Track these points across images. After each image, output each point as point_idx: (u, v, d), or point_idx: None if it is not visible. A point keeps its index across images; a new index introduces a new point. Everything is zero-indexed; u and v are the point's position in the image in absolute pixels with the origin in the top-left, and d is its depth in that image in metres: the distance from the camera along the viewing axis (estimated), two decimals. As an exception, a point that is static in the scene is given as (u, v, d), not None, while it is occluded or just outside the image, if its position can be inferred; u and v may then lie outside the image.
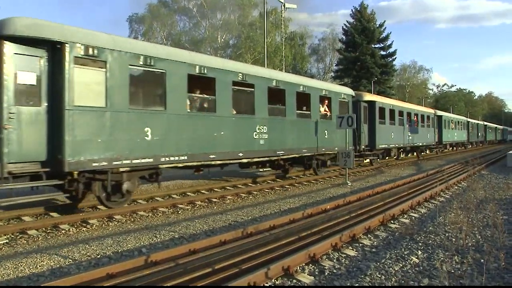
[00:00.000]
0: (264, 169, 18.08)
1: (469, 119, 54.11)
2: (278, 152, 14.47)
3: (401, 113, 26.57)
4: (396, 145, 25.41)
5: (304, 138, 15.97)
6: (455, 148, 45.68)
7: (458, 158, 32.07)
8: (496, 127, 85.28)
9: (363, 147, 20.91)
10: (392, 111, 25.00)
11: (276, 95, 14.86)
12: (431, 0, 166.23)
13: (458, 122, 45.80)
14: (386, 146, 23.71)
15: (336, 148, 17.75)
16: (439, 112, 38.37)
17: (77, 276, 5.22)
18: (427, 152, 36.65)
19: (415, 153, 32.61)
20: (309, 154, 16.37)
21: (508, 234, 7.78)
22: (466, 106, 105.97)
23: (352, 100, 19.78)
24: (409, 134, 27.71)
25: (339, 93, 18.83)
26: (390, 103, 25.48)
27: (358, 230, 7.69)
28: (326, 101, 17.66)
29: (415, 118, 29.82)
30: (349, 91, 19.99)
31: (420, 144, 30.76)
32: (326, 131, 17.22)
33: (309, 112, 16.41)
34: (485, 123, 71.16)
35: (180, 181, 15.55)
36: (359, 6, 56.43)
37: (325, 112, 17.58)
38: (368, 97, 22.89)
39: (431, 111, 35.98)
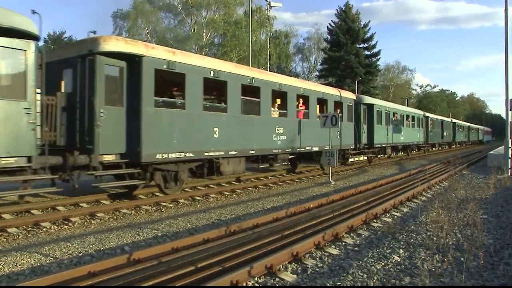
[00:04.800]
0: None
1: (428, 114, 41.16)
2: None
3: (253, 91, 14.65)
4: (235, 152, 13.42)
5: None
6: (401, 152, 33.40)
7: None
8: (469, 126, 71.86)
9: (103, 160, 9.94)
10: (217, 84, 13.26)
11: None
12: (412, 2, 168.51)
13: (408, 116, 32.67)
14: (181, 155, 11.46)
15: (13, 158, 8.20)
16: (368, 99, 25.48)
17: (58, 274, 5.15)
18: (354, 159, 24.90)
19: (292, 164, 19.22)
20: None
21: (488, 233, 7.92)
22: (448, 107, 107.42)
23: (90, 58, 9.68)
24: (280, 132, 15.66)
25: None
26: (209, 66, 12.54)
27: (341, 229, 7.73)
28: None
29: (301, 105, 17.65)
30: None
31: (316, 149, 18.06)
32: None
33: None
34: (454, 120, 58.11)
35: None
36: (344, 6, 56.80)
37: None
38: (130, 48, 10.24)
39: (349, 95, 22.35)
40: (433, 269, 5.80)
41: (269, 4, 33.45)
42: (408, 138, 31.75)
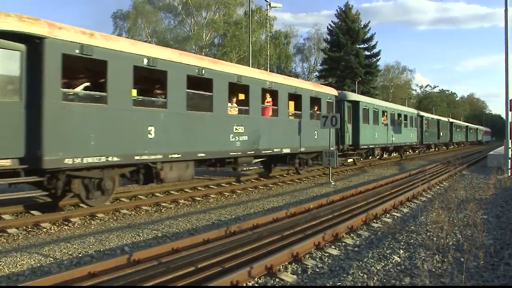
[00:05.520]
0: None
1: (422, 113, 38.48)
2: None
3: (204, 84, 12.43)
4: (178, 155, 11.28)
5: None
6: (395, 153, 31.66)
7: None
8: (467, 125, 68.48)
9: None
10: (153, 74, 11.41)
11: None
12: (412, 3, 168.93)
13: (400, 115, 29.93)
14: (101, 160, 9.47)
15: None
16: (353, 96, 23.31)
17: (58, 275, 5.15)
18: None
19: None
20: None
21: (488, 233, 7.92)
22: (448, 107, 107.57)
23: None
24: (239, 131, 13.40)
25: None
26: (142, 52, 10.36)
27: (341, 229, 7.73)
28: None
29: (268, 100, 15.41)
30: None
31: (287, 151, 15.86)
32: None
33: None
34: (451, 119, 54.80)
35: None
36: (344, 7, 56.88)
37: None
38: (26, 27, 8.13)
39: (329, 91, 19.43)
40: (433, 270, 5.81)
41: (269, 5, 33.42)
42: (400, 138, 29.44)
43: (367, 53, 57.41)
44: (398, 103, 52.31)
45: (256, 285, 5.34)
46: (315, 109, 17.96)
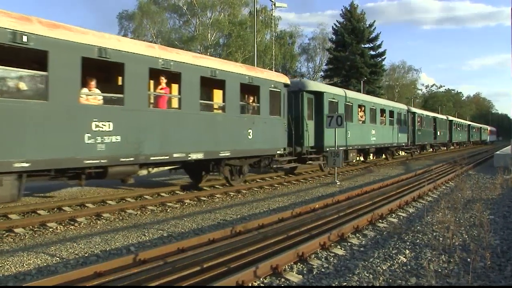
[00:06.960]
0: None
1: (414, 109, 33.61)
2: None
3: (30, 58, 8.56)
4: None
5: None
6: (383, 156, 27.84)
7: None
8: (469, 124, 63.26)
9: None
10: None
11: None
12: (416, 2, 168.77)
13: (384, 110, 25.48)
14: None
15: None
16: (315, 85, 19.14)
17: (65, 274, 5.17)
18: None
19: None
20: None
21: (494, 233, 7.88)
22: (454, 107, 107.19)
23: None
24: (105, 130, 9.03)
25: None
26: None
27: (346, 229, 7.71)
28: None
29: (164, 86, 11.21)
30: None
31: (199, 156, 11.51)
32: None
33: None
34: (450, 117, 48.47)
35: (169, 179, 15.49)
36: (349, 6, 56.82)
37: None
38: None
39: (274, 77, 14.95)
40: (440, 270, 5.79)
41: (274, 5, 33.38)
42: (384, 138, 24.88)
43: (372, 52, 57.33)
44: (403, 102, 51.87)
45: (261, 285, 5.34)
46: (251, 100, 14.34)
